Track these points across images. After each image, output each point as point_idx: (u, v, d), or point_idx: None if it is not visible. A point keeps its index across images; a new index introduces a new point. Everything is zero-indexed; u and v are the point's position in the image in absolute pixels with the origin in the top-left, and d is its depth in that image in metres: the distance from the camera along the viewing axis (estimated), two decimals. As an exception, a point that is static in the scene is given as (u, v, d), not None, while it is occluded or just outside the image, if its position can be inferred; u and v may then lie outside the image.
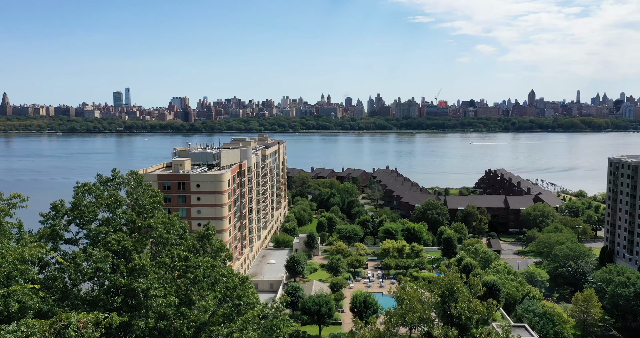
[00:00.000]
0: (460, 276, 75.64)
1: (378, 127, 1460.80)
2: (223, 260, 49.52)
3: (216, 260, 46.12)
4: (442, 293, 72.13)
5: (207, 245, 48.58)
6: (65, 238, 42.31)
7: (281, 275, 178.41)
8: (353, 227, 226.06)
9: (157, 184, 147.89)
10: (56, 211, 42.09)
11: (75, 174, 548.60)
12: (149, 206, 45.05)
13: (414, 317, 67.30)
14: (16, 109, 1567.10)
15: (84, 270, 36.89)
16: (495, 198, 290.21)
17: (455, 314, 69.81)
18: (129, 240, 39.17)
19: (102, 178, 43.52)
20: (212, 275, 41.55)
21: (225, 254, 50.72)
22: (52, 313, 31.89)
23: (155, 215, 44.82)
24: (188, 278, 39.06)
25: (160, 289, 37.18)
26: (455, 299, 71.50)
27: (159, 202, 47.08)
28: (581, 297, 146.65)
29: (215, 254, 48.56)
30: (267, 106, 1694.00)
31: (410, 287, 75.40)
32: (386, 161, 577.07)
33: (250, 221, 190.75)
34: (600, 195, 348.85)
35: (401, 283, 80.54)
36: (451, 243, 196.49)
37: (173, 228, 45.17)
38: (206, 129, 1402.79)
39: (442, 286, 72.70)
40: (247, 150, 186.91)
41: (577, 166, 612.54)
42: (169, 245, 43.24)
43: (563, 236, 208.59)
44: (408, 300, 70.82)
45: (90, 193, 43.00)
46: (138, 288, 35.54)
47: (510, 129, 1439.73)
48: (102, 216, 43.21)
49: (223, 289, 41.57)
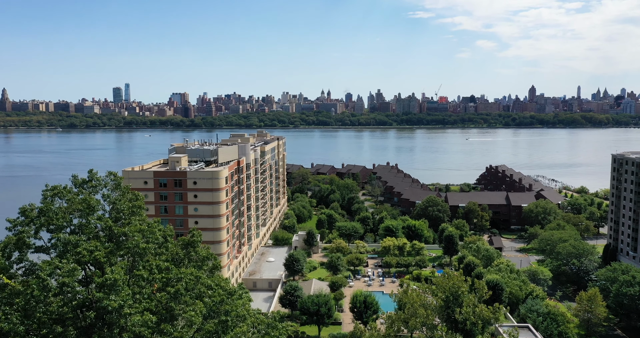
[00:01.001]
0: (465, 280, 72.25)
1: (378, 123, 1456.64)
2: (210, 270, 46.02)
3: (202, 270, 42.05)
4: (446, 298, 68.98)
5: (192, 253, 44.31)
6: (37, 246, 38.40)
7: (280, 274, 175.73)
8: (353, 224, 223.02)
9: (153, 181, 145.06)
10: (25, 216, 37.91)
11: (74, 171, 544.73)
12: (127, 211, 40.81)
13: (416, 322, 64.37)
14: (15, 105, 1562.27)
15: (49, 285, 32.64)
16: (496, 195, 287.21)
17: (460, 319, 66.86)
18: (102, 250, 35.05)
19: (77, 180, 39.81)
20: (197, 288, 37.68)
21: (212, 263, 46.87)
22: (14, 333, 28.83)
23: (133, 221, 40.35)
24: (169, 293, 35.01)
25: (135, 306, 33.08)
26: (459, 304, 68.42)
27: (140, 206, 43.14)
28: (585, 296, 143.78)
29: (201, 263, 44.63)
30: (267, 101, 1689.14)
31: (412, 290, 72.04)
32: (386, 157, 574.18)
33: (249, 219, 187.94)
34: (602, 192, 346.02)
35: (403, 286, 77.18)
36: (452, 240, 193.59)
37: (152, 237, 40.83)
38: (206, 125, 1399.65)
39: (446, 290, 69.51)
40: (245, 146, 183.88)
41: (578, 163, 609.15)
42: (147, 255, 38.29)
43: (566, 233, 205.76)
44: (410, 304, 67.82)
45: (61, 197, 38.82)
46: (109, 306, 31.11)
47: (510, 125, 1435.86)
48: (77, 222, 38.91)
49: (209, 303, 37.64)
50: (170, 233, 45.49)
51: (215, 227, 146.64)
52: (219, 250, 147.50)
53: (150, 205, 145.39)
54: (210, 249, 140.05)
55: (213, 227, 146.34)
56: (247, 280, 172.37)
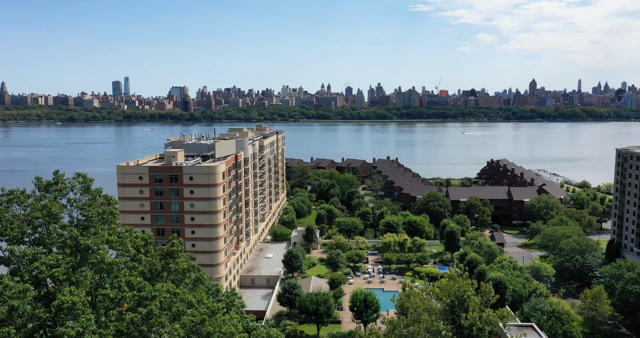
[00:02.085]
0: (471, 283, 68.79)
1: (378, 116, 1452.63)
2: (193, 283, 41.11)
3: (183, 284, 37.59)
4: (451, 302, 65.59)
5: (171, 264, 38.91)
6: None
7: (279, 270, 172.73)
8: (353, 220, 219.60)
9: (148, 176, 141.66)
10: (-24, 225, 34.43)
11: (74, 165, 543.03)
12: (96, 218, 35.79)
13: (420, 328, 61.10)
14: (14, 98, 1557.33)
15: None
16: (498, 190, 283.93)
17: (466, 325, 63.58)
18: (63, 265, 30.10)
19: (42, 183, 35.45)
20: (174, 307, 32.74)
21: (195, 275, 41.86)
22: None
23: (100, 231, 35.01)
24: (140, 313, 30.34)
25: (100, 332, 28.59)
26: (465, 308, 65.09)
27: (112, 213, 37.78)
28: (590, 294, 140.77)
29: (181, 276, 39.57)
30: (267, 95, 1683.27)
31: (415, 295, 68.66)
32: (387, 151, 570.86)
33: (247, 214, 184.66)
34: (605, 186, 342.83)
35: (406, 290, 73.82)
36: (454, 236, 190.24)
37: (122, 248, 35.57)
38: (205, 118, 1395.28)
39: (451, 294, 66.11)
40: (243, 141, 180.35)
41: (579, 157, 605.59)
42: (114, 271, 33.13)
43: (569, 229, 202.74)
44: (414, 309, 64.49)
45: (19, 203, 34.24)
46: (64, 334, 26.53)
47: (511, 118, 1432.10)
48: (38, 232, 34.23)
49: (188, 324, 32.57)
50: (150, 240, 40.92)
51: (212, 224, 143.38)
52: (216, 247, 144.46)
53: (145, 201, 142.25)
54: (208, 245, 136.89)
55: (210, 224, 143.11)
56: (245, 276, 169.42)
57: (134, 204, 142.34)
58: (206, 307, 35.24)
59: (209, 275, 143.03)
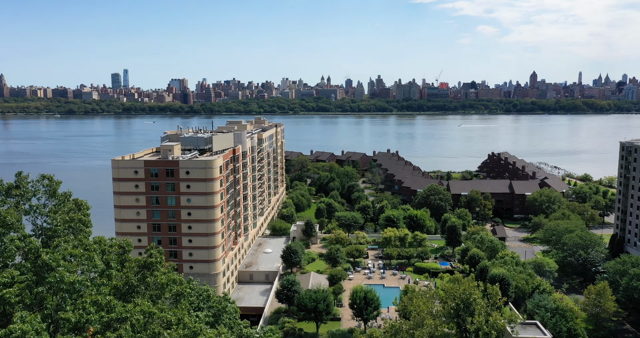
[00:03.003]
0: (477, 285, 65.75)
1: (378, 109, 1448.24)
2: (175, 298, 35.92)
3: (161, 301, 33.27)
4: (456, 305, 62.57)
5: (149, 278, 33.72)
6: None
7: (277, 265, 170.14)
8: (353, 214, 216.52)
9: (144, 171, 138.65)
10: None
11: (73, 159, 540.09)
12: (62, 227, 31.55)
13: (423, 333, 58.20)
14: (13, 90, 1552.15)
15: None
16: (499, 183, 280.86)
17: (472, 329, 60.66)
18: (16, 286, 26.04)
19: (2, 186, 31.77)
20: (150, 328, 28.33)
21: (177, 289, 36.20)
22: None
23: (62, 244, 30.05)
24: None
25: None
26: (471, 312, 62.19)
27: (83, 221, 33.51)
28: (594, 290, 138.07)
29: (160, 292, 34.20)
30: (266, 87, 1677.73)
31: (418, 297, 65.72)
32: (387, 144, 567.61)
33: (245, 209, 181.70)
34: (607, 179, 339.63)
35: (407, 293, 70.65)
36: (456, 231, 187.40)
37: (89, 263, 30.58)
38: (205, 111, 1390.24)
39: (456, 297, 63.14)
40: (241, 134, 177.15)
41: (580, 149, 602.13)
42: (78, 291, 28.47)
43: (572, 223, 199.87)
44: (417, 313, 61.57)
45: None
46: None
47: (511, 111, 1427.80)
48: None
49: None
50: (128, 248, 36.84)
51: (209, 219, 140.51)
52: (213, 243, 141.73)
53: (141, 196, 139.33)
54: (205, 241, 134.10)
55: (207, 219, 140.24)
56: (243, 272, 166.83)
57: (129, 199, 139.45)
58: (187, 327, 31.02)
59: (206, 271, 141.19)
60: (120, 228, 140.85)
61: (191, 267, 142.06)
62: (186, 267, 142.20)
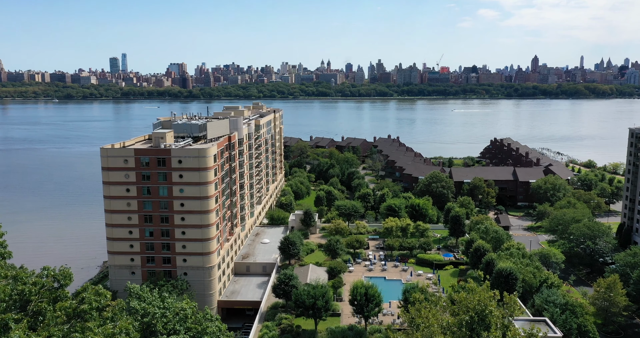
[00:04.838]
0: (493, 295, 59.34)
1: (379, 94, 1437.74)
2: None
3: None
4: (470, 318, 56.32)
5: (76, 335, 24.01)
6: None
7: (275, 257, 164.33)
8: (353, 203, 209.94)
9: (134, 159, 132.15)
10: None
11: (72, 144, 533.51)
12: None
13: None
14: (11, 75, 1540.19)
15: None
16: (503, 170, 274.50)
17: (487, 346, 54.73)
18: None
19: None
20: None
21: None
22: None
23: None
24: None
25: None
26: (487, 326, 56.05)
27: None
28: (604, 284, 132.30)
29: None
30: (266, 72, 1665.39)
31: (427, 308, 59.50)
32: (387, 130, 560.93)
33: (242, 198, 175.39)
34: (611, 165, 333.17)
35: (415, 305, 64.44)
36: (459, 221, 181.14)
37: None
38: (204, 96, 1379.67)
39: (469, 309, 56.97)
40: (237, 120, 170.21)
41: (583, 135, 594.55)
42: None
43: (578, 212, 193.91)
44: (425, 326, 55.49)
45: None
46: None
47: (513, 95, 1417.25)
48: None
49: None
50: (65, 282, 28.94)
51: (203, 210, 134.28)
52: (207, 235, 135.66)
53: (131, 186, 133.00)
54: (200, 232, 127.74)
55: (201, 210, 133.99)
56: (239, 264, 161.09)
57: (119, 189, 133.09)
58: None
59: (200, 264, 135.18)
60: (110, 219, 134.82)
61: (185, 260, 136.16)
62: (179, 260, 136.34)
